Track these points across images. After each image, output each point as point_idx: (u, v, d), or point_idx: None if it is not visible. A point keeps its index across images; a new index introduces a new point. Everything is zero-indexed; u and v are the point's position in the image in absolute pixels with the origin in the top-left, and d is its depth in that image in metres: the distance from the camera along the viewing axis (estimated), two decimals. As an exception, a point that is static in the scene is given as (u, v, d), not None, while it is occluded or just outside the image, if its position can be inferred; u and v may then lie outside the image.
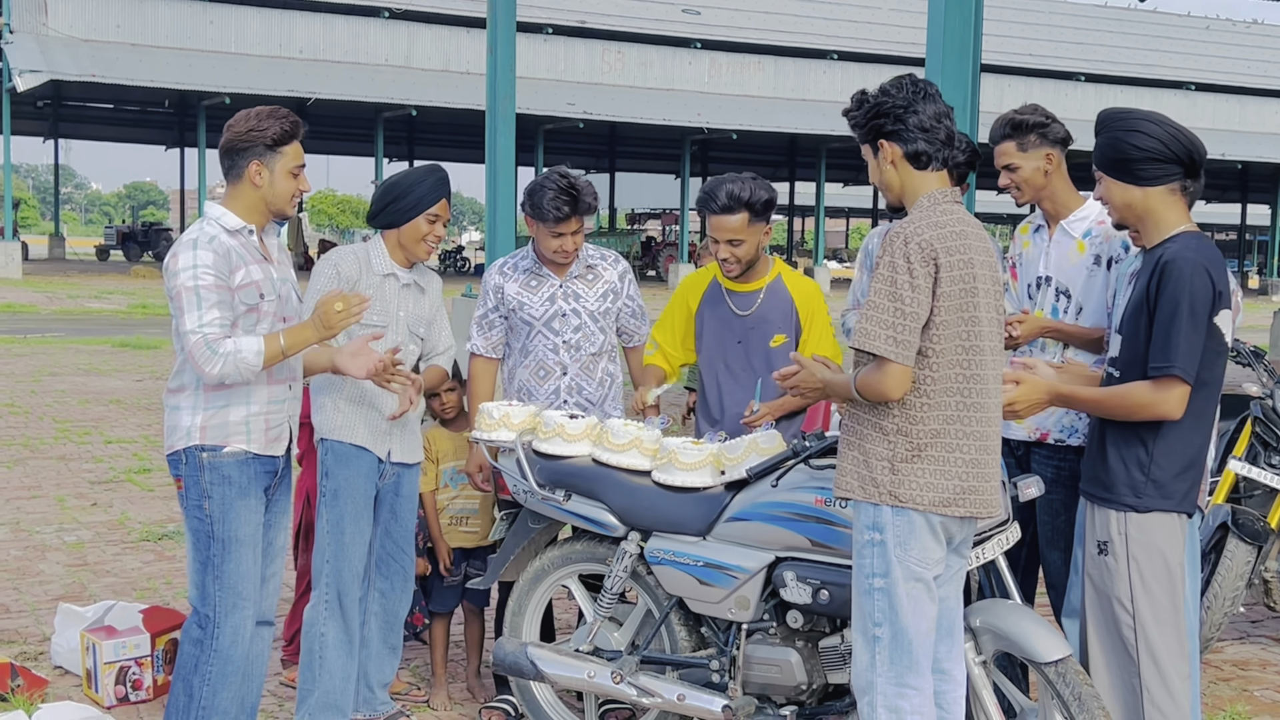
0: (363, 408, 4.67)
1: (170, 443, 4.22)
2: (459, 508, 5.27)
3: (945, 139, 3.63)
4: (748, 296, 5.04)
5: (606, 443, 4.60)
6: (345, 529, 4.64)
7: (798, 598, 4.12)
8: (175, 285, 4.03)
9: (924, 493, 3.52)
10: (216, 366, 4.00)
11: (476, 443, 4.89)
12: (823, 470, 4.11)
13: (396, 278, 4.65)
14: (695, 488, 4.40)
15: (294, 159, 4.20)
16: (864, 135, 3.69)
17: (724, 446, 4.43)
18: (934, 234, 3.50)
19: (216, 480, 4.16)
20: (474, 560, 5.30)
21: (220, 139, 4.19)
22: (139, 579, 6.96)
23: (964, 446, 3.56)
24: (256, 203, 4.18)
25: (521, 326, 5.17)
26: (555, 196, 4.95)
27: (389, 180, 4.65)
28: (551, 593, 4.86)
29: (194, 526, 4.20)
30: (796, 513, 4.12)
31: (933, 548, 3.59)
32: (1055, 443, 4.55)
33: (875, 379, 3.49)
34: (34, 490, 9.12)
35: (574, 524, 4.66)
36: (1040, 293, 4.61)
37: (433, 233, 4.64)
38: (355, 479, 4.65)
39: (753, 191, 4.84)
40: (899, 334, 3.45)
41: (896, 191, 3.69)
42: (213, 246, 4.06)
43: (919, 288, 3.45)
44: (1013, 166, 4.49)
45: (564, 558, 4.77)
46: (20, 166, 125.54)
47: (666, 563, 4.41)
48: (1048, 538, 4.56)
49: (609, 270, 5.26)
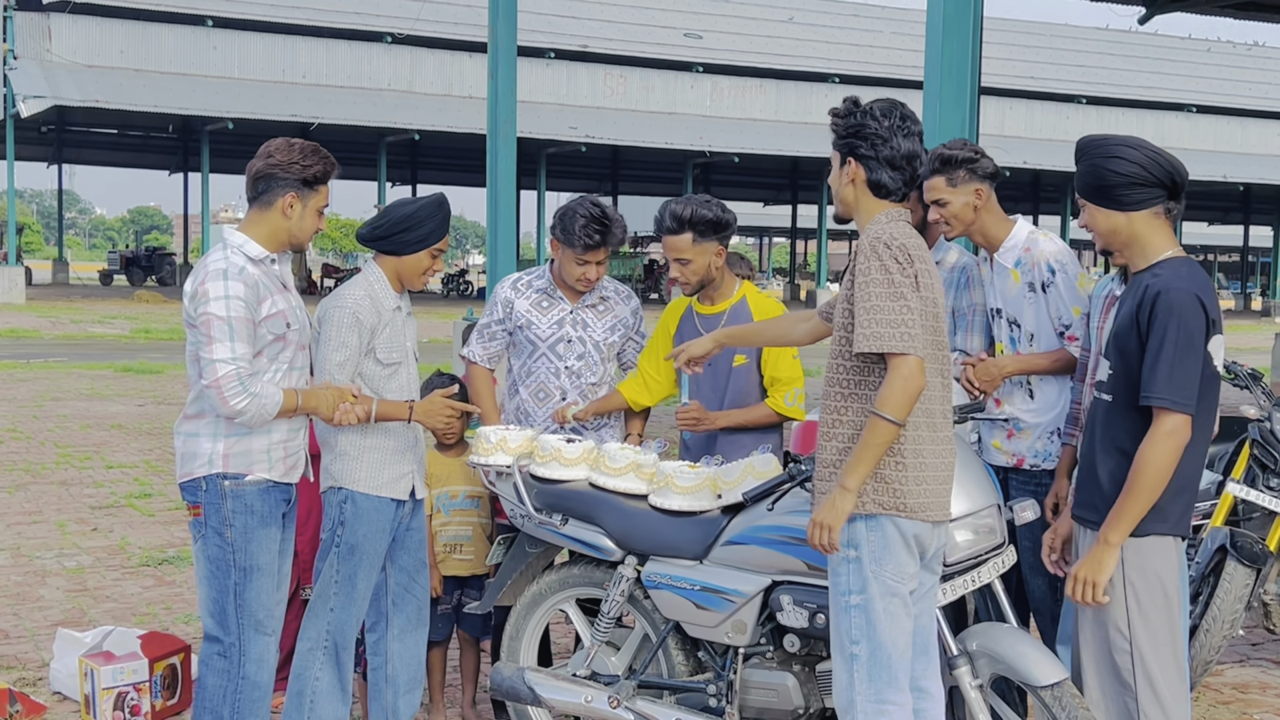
0: (389, 452, 4.56)
1: (187, 470, 4.20)
2: (452, 534, 5.25)
3: (908, 180, 3.73)
4: (714, 319, 5.08)
5: (604, 467, 4.61)
6: (358, 583, 4.56)
7: (794, 621, 4.13)
8: (204, 313, 4.02)
9: (901, 499, 3.59)
10: (242, 402, 4.02)
11: (474, 468, 4.89)
12: (819, 494, 4.12)
13: (400, 309, 4.64)
14: (692, 512, 4.41)
15: (324, 199, 4.29)
16: (837, 144, 3.79)
17: (720, 470, 4.44)
18: (907, 241, 3.62)
19: (239, 509, 4.16)
20: (468, 589, 5.29)
21: (254, 163, 4.19)
22: (138, 604, 6.96)
23: (939, 451, 3.65)
24: (279, 232, 4.22)
25: (525, 345, 5.19)
26: (587, 225, 4.98)
27: (400, 210, 4.56)
28: (549, 617, 4.87)
29: (213, 555, 4.18)
30: (792, 536, 4.12)
31: (907, 561, 3.63)
32: (1031, 468, 4.58)
33: (898, 382, 3.49)
34: (35, 515, 9.13)
35: (571, 548, 4.66)
36: (997, 324, 4.67)
37: (434, 267, 4.63)
38: (375, 535, 4.54)
39: (694, 211, 4.89)
40: (908, 328, 3.51)
41: (849, 207, 3.80)
42: (243, 278, 4.07)
43: (912, 284, 3.55)
44: (942, 202, 4.54)
45: (561, 582, 4.77)
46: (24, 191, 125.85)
47: (663, 587, 4.41)
48: (1030, 564, 4.56)
49: (621, 305, 5.30)
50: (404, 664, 4.76)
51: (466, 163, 48.00)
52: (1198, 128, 54.87)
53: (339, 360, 4.41)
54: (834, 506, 3.56)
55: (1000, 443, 4.65)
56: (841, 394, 3.67)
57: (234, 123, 37.79)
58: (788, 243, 78.68)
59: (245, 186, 4.25)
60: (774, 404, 5.03)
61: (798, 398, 5.05)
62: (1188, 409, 3.58)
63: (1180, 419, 3.58)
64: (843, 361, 3.67)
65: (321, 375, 4.38)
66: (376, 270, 4.59)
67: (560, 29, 46.03)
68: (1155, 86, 55.80)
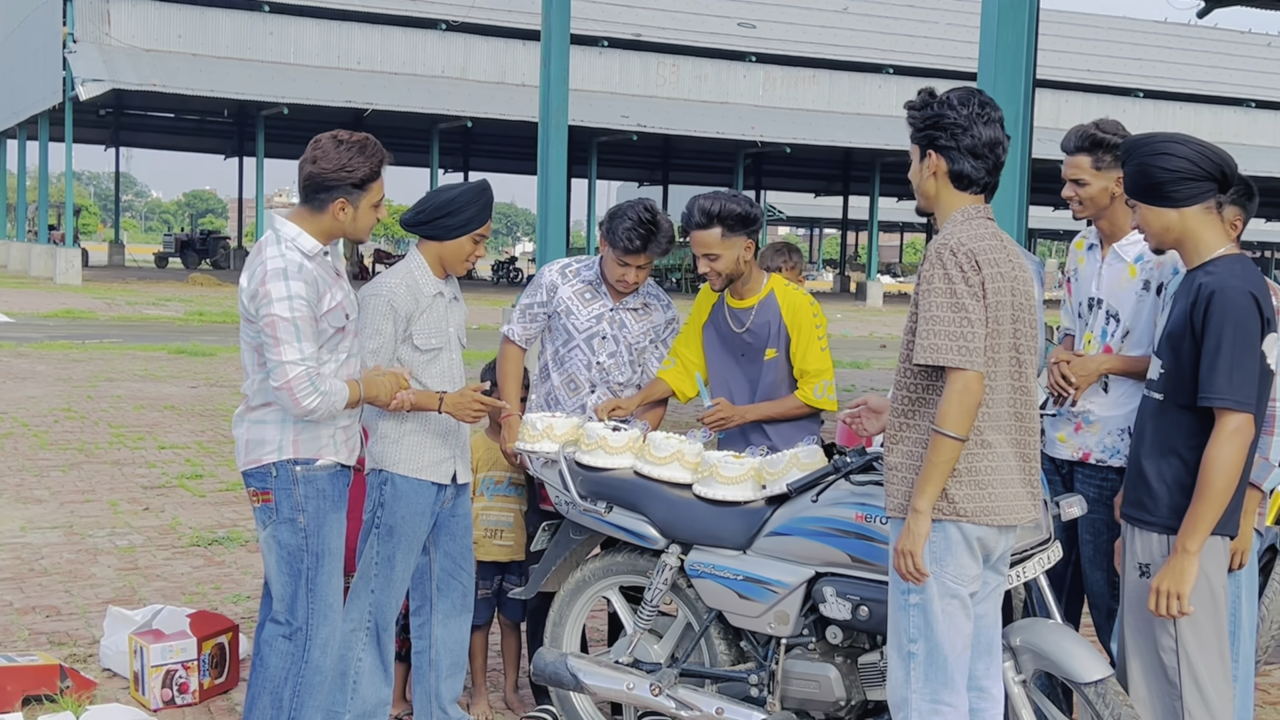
0: (429, 436, 4.60)
1: (254, 457, 4.20)
2: (493, 520, 5.28)
3: (992, 168, 3.65)
4: (743, 313, 5.09)
5: (649, 456, 4.62)
6: (397, 565, 4.59)
7: (837, 613, 4.12)
8: (268, 314, 4.01)
9: (965, 503, 3.53)
10: (315, 401, 4.03)
11: (520, 453, 4.91)
12: (864, 486, 4.12)
13: (443, 295, 4.65)
14: (736, 501, 4.41)
15: (378, 194, 4.24)
16: (916, 138, 3.72)
17: (765, 461, 4.44)
18: (976, 245, 3.53)
19: (311, 494, 4.19)
20: (508, 575, 5.31)
21: (304, 165, 4.15)
22: (188, 584, 7.04)
23: (1010, 455, 3.59)
24: (334, 231, 4.21)
25: (561, 332, 5.20)
26: (632, 228, 4.98)
27: (441, 195, 4.59)
28: (592, 604, 4.88)
29: (285, 540, 4.19)
30: (837, 528, 4.12)
31: (969, 564, 3.58)
32: (1097, 463, 4.52)
33: (954, 397, 3.44)
34: (88, 494, 9.25)
35: (615, 536, 4.68)
36: (1091, 314, 4.58)
37: (475, 252, 4.64)
38: (414, 517, 4.58)
39: (723, 206, 4.89)
40: (968, 341, 3.45)
41: (930, 201, 3.73)
42: (303, 275, 4.06)
43: (976, 294, 3.48)
44: (1082, 182, 4.47)
45: (605, 569, 4.79)
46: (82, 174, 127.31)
47: (706, 576, 4.42)
48: (1090, 557, 4.54)
49: (658, 313, 5.30)
50: (447, 649, 4.79)
51: (518, 150, 48.13)
52: (1256, 123, 54.14)
53: (373, 347, 4.45)
54: (910, 532, 3.51)
55: (1067, 436, 4.59)
56: (908, 399, 3.63)
57: (289, 108, 38.05)
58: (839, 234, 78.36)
59: (298, 184, 4.22)
60: (803, 396, 5.02)
61: (827, 389, 5.05)
62: (1249, 408, 3.55)
63: (1243, 418, 3.54)
64: (909, 367, 3.63)
65: (358, 361, 4.40)
66: (418, 256, 4.63)
67: (614, 17, 45.99)
68: (1214, 81, 55.09)
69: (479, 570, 5.16)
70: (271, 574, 4.26)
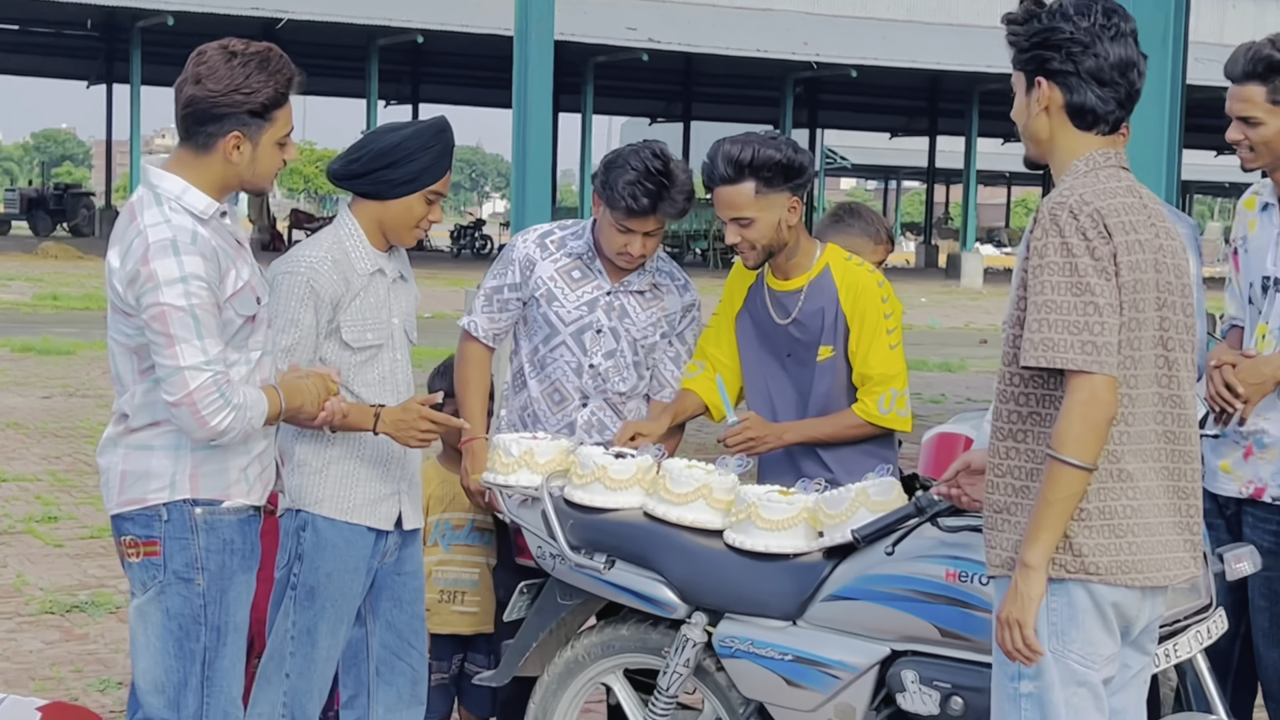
0: (362, 465, 4.61)
1: (134, 495, 4.13)
2: (452, 579, 5.28)
3: (1125, 99, 3.64)
4: (788, 297, 5.07)
5: (664, 492, 4.62)
6: (320, 640, 4.59)
7: (921, 706, 4.13)
8: (157, 303, 3.94)
9: (1095, 556, 3.51)
10: (226, 419, 3.97)
11: (488, 489, 4.92)
12: (957, 533, 4.12)
13: (384, 273, 4.65)
14: (783, 554, 4.41)
15: (284, 126, 4.18)
16: (1020, 62, 3.71)
17: (823, 499, 4.44)
18: (1105, 204, 3.52)
19: (215, 546, 4.13)
20: (472, 653, 5.31)
21: (182, 86, 4.08)
22: (38, 665, 7.03)
23: (1157, 491, 3.57)
24: (227, 179, 4.15)
25: (541, 326, 5.20)
26: (636, 181, 4.97)
27: (383, 139, 4.59)
28: (588, 693, 4.90)
29: (175, 608, 4.13)
30: (921, 590, 4.13)
31: (1102, 640, 3.58)
32: (1274, 501, 4.52)
33: (1077, 410, 3.42)
34: (-98, 543, 9.26)
35: (618, 600, 4.69)
36: (1267, 299, 4.58)
37: (429, 216, 4.64)
38: (344, 575, 4.57)
39: (757, 152, 4.84)
40: (1095, 335, 3.43)
41: (1042, 147, 3.72)
42: (199, 248, 3.99)
43: (1106, 271, 3.46)
44: (1254, 120, 4.47)
45: (604, 646, 4.79)
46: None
47: (743, 655, 4.42)
48: (1265, 630, 4.54)
49: (672, 296, 5.29)
50: None
51: (486, 75, 48.12)
52: None
53: (287, 344, 4.45)
54: (1020, 596, 3.48)
55: (1233, 465, 4.59)
56: (1017, 414, 3.62)
57: (174, 17, 38.06)
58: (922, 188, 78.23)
59: (175, 117, 4.14)
60: (863, 410, 5.01)
61: (896, 401, 5.01)
62: None
63: None
64: (1016, 370, 3.62)
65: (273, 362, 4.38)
66: (351, 221, 4.63)
67: (616, -107, 46.04)
68: None
69: (433, 647, 5.16)
70: (148, 656, 4.20)
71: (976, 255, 48.12)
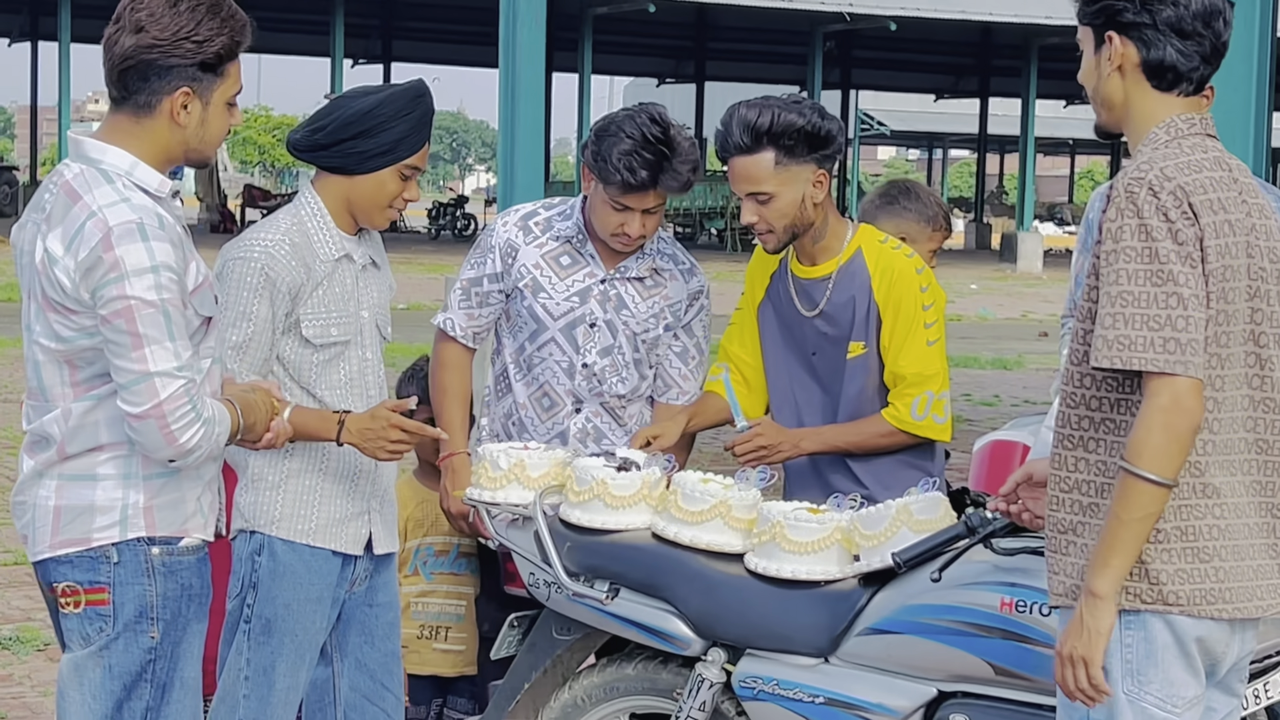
0: (326, 480, 4.62)
1: (75, 534, 4.02)
2: (433, 612, 5.30)
3: (1209, 53, 3.62)
4: (814, 286, 5.08)
5: (675, 509, 4.63)
6: (278, 680, 4.59)
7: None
8: (123, 296, 3.84)
9: (1176, 584, 3.50)
10: (195, 435, 3.90)
11: (473, 506, 4.91)
12: (1014, 557, 4.13)
13: (351, 259, 4.65)
14: (814, 581, 4.42)
15: (235, 84, 4.13)
16: (1088, 15, 3.70)
17: (858, 518, 4.45)
18: (1190, 179, 3.50)
19: (173, 592, 4.05)
20: (454, 695, 5.32)
21: (117, 38, 3.99)
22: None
23: (1247, 509, 3.56)
24: (172, 146, 4.07)
25: (526, 321, 5.22)
26: (632, 151, 4.97)
27: (351, 105, 4.59)
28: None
29: (120, 665, 4.05)
30: (972, 622, 4.14)
31: (1184, 680, 3.57)
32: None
33: (1156, 417, 3.41)
34: None
35: (623, 635, 4.70)
36: None
37: (404, 193, 4.64)
38: (305, 605, 4.58)
39: (777, 117, 4.85)
40: (1178, 331, 3.41)
41: (1115, 112, 3.71)
42: (167, 233, 3.92)
43: (1190, 258, 3.45)
44: None
45: (607, 688, 4.79)
46: None
47: (767, 698, 4.43)
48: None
49: (676, 282, 5.30)
50: None
51: (468, 31, 48.22)
52: None
53: (238, 341, 4.45)
54: (1087, 629, 3.47)
55: None
56: (1087, 420, 3.61)
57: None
58: (972, 157, 78.28)
59: (106, 75, 4.05)
60: (893, 415, 5.02)
61: (933, 405, 5.02)
62: None
63: None
64: (1086, 370, 3.61)
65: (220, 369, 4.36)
66: (314, 199, 4.63)
67: None
68: None
69: (411, 689, 5.19)
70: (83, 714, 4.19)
71: (1035, 235, 48.17)
